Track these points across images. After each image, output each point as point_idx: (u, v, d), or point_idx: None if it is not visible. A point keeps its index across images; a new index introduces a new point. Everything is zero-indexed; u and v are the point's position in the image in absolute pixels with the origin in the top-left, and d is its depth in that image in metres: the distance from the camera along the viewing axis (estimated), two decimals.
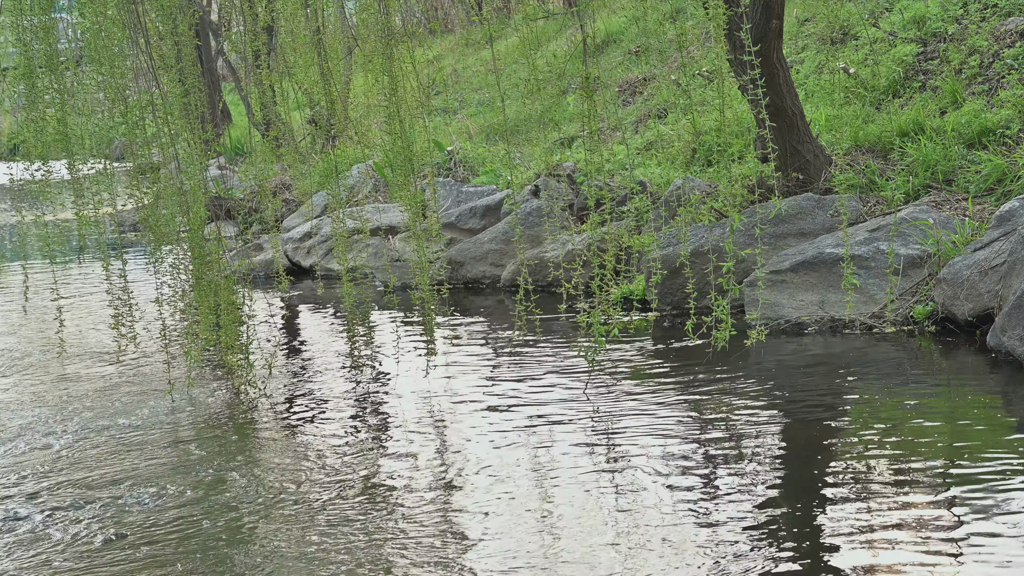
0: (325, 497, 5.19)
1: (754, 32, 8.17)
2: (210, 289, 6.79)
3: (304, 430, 6.35)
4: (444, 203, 11.55)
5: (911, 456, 5.06)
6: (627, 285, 8.70)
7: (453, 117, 16.10)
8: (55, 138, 6.32)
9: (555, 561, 4.33)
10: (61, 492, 5.48)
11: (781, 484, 4.94)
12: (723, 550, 4.30)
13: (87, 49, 6.48)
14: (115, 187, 6.73)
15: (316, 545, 4.65)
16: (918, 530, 4.31)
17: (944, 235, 7.31)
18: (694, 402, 6.20)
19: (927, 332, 7.01)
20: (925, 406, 5.79)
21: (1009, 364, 6.21)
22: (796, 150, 8.46)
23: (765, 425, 5.72)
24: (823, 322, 7.34)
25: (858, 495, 4.70)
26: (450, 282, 10.45)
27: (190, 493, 5.36)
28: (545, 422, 6.05)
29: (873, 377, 6.35)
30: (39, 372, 8.07)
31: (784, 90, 8.39)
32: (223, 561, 4.57)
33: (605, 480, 5.14)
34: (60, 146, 6.39)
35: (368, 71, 7.43)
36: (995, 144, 8.04)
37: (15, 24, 6.30)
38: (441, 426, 6.23)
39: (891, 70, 9.71)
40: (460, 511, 4.94)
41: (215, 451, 6.04)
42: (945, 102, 8.96)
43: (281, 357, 8.24)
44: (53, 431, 6.52)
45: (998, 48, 9.10)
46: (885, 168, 8.51)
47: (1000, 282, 6.57)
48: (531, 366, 7.26)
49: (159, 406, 6.92)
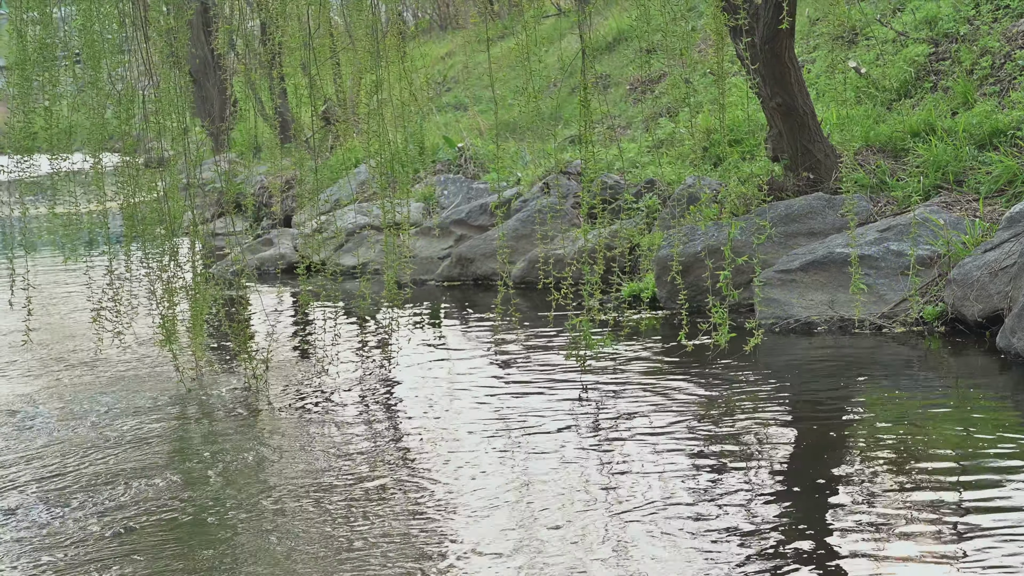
0: (332, 489, 5.20)
1: (766, 31, 8.18)
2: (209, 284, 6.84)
3: (309, 423, 6.37)
4: (454, 200, 11.57)
5: (919, 457, 5.06)
6: (635, 283, 8.70)
7: (464, 114, 16.11)
8: (58, 132, 6.35)
9: (553, 560, 4.34)
10: (67, 486, 5.50)
11: (788, 484, 4.95)
12: (729, 550, 4.30)
13: (83, 44, 6.49)
14: (128, 182, 6.76)
15: (329, 536, 4.66)
16: (925, 531, 4.31)
17: (954, 236, 7.30)
18: (700, 400, 6.20)
19: (937, 333, 7.00)
20: (934, 407, 5.78)
21: (1019, 366, 6.20)
22: (807, 149, 8.45)
23: (773, 424, 5.72)
24: (832, 322, 7.33)
25: (866, 495, 4.70)
26: (460, 279, 10.47)
27: (197, 486, 5.38)
28: (544, 420, 6.05)
29: (882, 377, 6.35)
30: (36, 366, 8.10)
31: (795, 89, 8.39)
32: (234, 553, 4.58)
33: (606, 480, 5.14)
34: (55, 139, 6.42)
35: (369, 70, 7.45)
36: (1006, 145, 8.03)
37: (13, 18, 6.33)
38: (439, 424, 6.23)
39: (902, 70, 9.70)
40: (458, 508, 4.94)
41: (221, 443, 6.06)
42: (956, 103, 8.95)
43: (286, 351, 8.26)
44: (55, 424, 6.54)
45: (1010, 49, 9.08)
46: (896, 168, 8.51)
47: (1010, 283, 6.56)
48: (535, 364, 7.26)
49: (164, 399, 6.95)
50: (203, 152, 7.52)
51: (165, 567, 4.51)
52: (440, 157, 12.96)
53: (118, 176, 6.81)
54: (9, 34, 6.50)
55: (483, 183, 11.56)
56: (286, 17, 7.03)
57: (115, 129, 6.74)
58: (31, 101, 6.41)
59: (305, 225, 12.47)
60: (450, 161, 12.70)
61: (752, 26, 8.20)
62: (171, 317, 6.81)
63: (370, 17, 7.17)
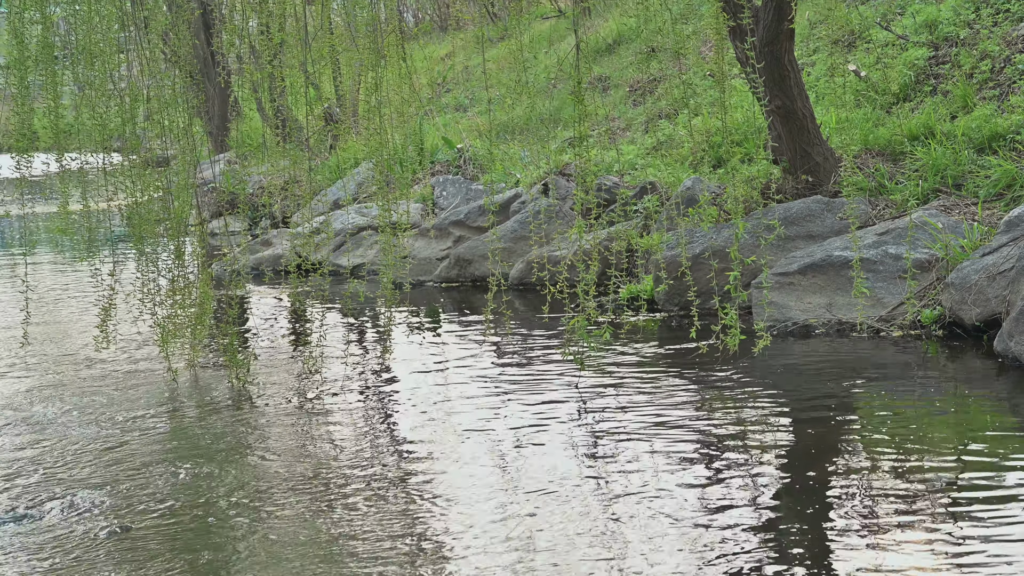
0: (327, 488, 5.20)
1: (766, 34, 8.18)
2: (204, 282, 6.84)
3: (303, 422, 6.36)
4: (453, 201, 11.56)
5: (917, 460, 5.06)
6: (634, 285, 8.70)
7: (463, 114, 16.11)
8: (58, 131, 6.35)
9: (549, 557, 4.33)
10: (63, 485, 5.49)
11: (786, 486, 4.94)
12: (728, 552, 4.30)
13: (82, 43, 6.50)
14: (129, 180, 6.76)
15: (323, 534, 4.66)
16: (923, 534, 4.30)
17: (953, 239, 7.30)
18: (699, 403, 6.20)
19: (934, 336, 7.00)
20: (932, 410, 5.78)
21: (1016, 369, 6.20)
22: (806, 152, 8.45)
23: (771, 427, 5.72)
24: (831, 325, 7.33)
25: (864, 498, 4.70)
26: (458, 280, 10.46)
27: (192, 485, 5.37)
28: (540, 420, 6.05)
29: (879, 381, 6.34)
30: (33, 364, 8.09)
31: (795, 92, 8.39)
32: (230, 551, 4.58)
33: (606, 480, 5.13)
34: (57, 139, 6.42)
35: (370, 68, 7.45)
36: (1005, 149, 8.03)
37: (11, 17, 6.33)
38: (434, 423, 6.23)
39: (902, 74, 9.70)
40: (452, 506, 4.94)
41: (216, 443, 6.05)
42: (956, 106, 8.95)
43: (280, 351, 8.26)
44: (52, 423, 6.54)
45: (1010, 53, 9.09)
46: (895, 172, 8.51)
47: (1008, 287, 6.56)
48: (532, 364, 7.26)
49: (160, 398, 6.94)
50: (203, 152, 7.52)
51: (161, 566, 4.50)
52: (439, 158, 12.96)
53: (120, 176, 6.81)
54: (8, 34, 6.50)
55: (482, 184, 11.55)
56: (285, 17, 7.03)
57: (116, 128, 6.74)
58: (28, 100, 6.40)
59: (301, 226, 12.48)
60: (449, 162, 12.69)
61: (752, 28, 8.20)
62: (171, 317, 6.81)
63: (370, 15, 7.16)
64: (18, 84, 6.36)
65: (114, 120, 6.69)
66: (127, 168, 6.79)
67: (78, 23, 6.48)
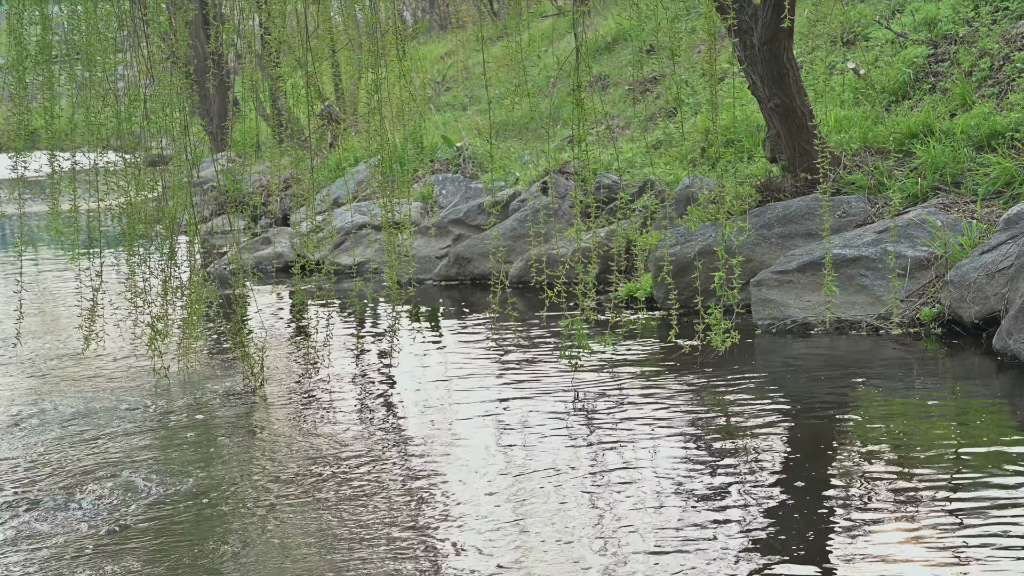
0: (328, 485, 5.20)
1: (765, 32, 8.18)
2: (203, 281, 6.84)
3: (304, 420, 6.37)
4: (453, 199, 11.57)
5: (916, 458, 5.07)
6: (633, 284, 8.70)
7: (462, 113, 16.11)
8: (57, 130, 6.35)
9: (547, 554, 4.34)
10: (60, 483, 5.50)
11: (785, 485, 4.95)
12: (726, 550, 4.30)
13: (81, 43, 6.50)
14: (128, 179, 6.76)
15: (324, 531, 4.67)
16: (923, 531, 4.31)
17: (951, 237, 7.30)
18: (695, 401, 6.20)
19: (933, 334, 7.00)
20: (930, 408, 5.79)
21: (1015, 367, 6.20)
22: (805, 150, 8.45)
23: (769, 425, 5.72)
24: (829, 323, 7.34)
25: (863, 496, 4.70)
26: (457, 278, 10.47)
27: (190, 482, 5.38)
28: (538, 419, 6.06)
29: (879, 379, 6.35)
30: (27, 363, 8.10)
31: (794, 90, 8.39)
32: (229, 548, 4.58)
33: (603, 479, 5.14)
34: (56, 138, 6.42)
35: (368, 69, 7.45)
36: (1004, 147, 8.03)
37: (10, 17, 6.33)
38: (434, 421, 6.23)
39: (901, 72, 9.70)
40: (453, 503, 4.95)
41: (215, 440, 6.06)
42: (955, 104, 8.95)
43: (282, 350, 8.26)
44: (48, 422, 6.54)
45: (1009, 51, 9.09)
46: (894, 170, 8.51)
47: (1007, 285, 6.57)
48: (531, 363, 7.27)
49: (158, 397, 6.95)
50: (202, 151, 7.52)
51: (160, 563, 4.51)
52: (439, 156, 12.96)
53: (114, 175, 6.81)
54: (7, 34, 6.50)
55: (482, 183, 11.56)
56: (285, 16, 7.03)
57: (115, 128, 6.75)
58: (27, 100, 6.40)
59: (301, 224, 12.48)
60: (449, 160, 12.69)
61: (751, 27, 8.20)
62: (163, 316, 6.80)
63: (369, 16, 7.16)
64: (16, 84, 6.36)
65: (111, 120, 6.69)
66: (123, 168, 6.79)
67: (78, 23, 6.48)
